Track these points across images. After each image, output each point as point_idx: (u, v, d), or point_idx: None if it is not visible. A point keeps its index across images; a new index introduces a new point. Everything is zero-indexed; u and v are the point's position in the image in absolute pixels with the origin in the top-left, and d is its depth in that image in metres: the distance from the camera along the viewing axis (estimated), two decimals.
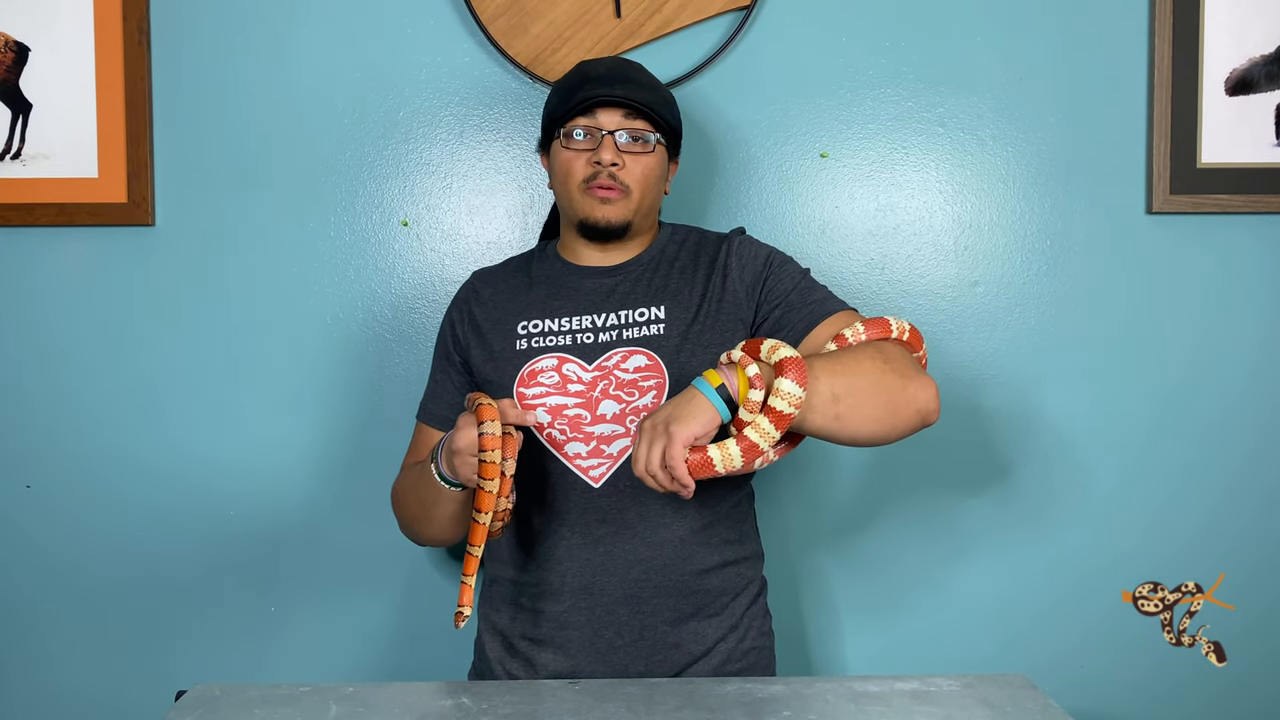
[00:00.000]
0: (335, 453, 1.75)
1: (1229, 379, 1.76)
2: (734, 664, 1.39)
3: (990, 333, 1.76)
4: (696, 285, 1.43)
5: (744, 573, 1.43)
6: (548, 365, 1.40)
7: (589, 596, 1.35)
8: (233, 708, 1.19)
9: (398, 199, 1.75)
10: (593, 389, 1.38)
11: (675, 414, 1.14)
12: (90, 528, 1.74)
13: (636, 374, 1.38)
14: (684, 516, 1.37)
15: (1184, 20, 1.72)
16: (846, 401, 1.17)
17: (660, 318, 1.40)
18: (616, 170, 1.39)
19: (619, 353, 1.39)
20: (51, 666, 1.75)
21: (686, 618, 1.37)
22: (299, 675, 1.74)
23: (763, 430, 1.12)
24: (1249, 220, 1.75)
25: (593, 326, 1.42)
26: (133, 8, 1.70)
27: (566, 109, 1.40)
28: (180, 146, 1.73)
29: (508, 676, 1.40)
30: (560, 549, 1.36)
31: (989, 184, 1.76)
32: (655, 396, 1.36)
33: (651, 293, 1.43)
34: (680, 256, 1.46)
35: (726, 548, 1.40)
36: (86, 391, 1.74)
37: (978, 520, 1.77)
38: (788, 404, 1.12)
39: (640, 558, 1.35)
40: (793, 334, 1.36)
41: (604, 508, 1.35)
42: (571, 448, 1.37)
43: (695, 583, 1.37)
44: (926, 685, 1.26)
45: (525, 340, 1.42)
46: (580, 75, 1.43)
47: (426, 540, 1.47)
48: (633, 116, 1.39)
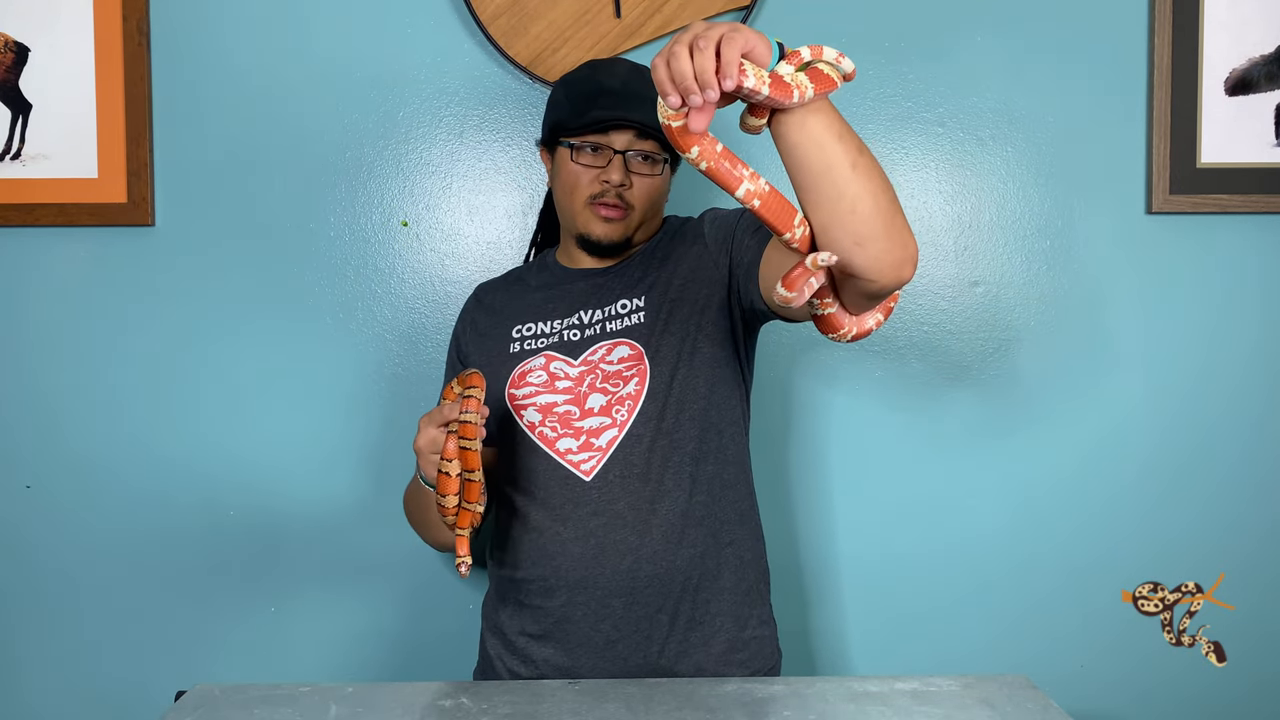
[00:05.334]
0: (335, 453, 1.75)
1: (1229, 379, 1.76)
2: (738, 653, 1.39)
3: (990, 333, 1.76)
4: (672, 264, 1.43)
5: (741, 555, 1.41)
6: (536, 365, 1.42)
7: (584, 590, 1.35)
8: (233, 708, 1.19)
9: (398, 199, 1.75)
10: (580, 384, 1.39)
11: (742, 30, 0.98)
12: (90, 528, 1.74)
13: (620, 364, 1.39)
14: (674, 501, 1.36)
15: (1184, 20, 1.72)
16: (863, 162, 1.06)
17: (640, 306, 1.42)
18: (623, 190, 1.40)
19: (603, 345, 1.41)
20: (51, 666, 1.75)
21: (683, 606, 1.36)
22: (299, 675, 1.74)
23: (799, 80, 1.00)
24: (1249, 220, 1.75)
25: (579, 323, 1.44)
26: (133, 8, 1.70)
27: (580, 124, 1.40)
28: (180, 146, 1.73)
29: (509, 674, 1.40)
30: (554, 545, 1.36)
31: (989, 184, 1.76)
32: (638, 385, 1.37)
33: (633, 284, 1.44)
34: (659, 245, 1.47)
35: (722, 530, 1.39)
36: (86, 391, 1.74)
37: (978, 520, 1.77)
38: (832, 71, 1.02)
39: (631, 547, 1.34)
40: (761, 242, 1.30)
41: (595, 500, 1.36)
42: (562, 444, 1.37)
43: (690, 569, 1.36)
44: (926, 685, 1.26)
45: (518, 343, 1.45)
46: (595, 85, 1.43)
47: (433, 543, 1.54)
48: (643, 137, 1.40)
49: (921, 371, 1.76)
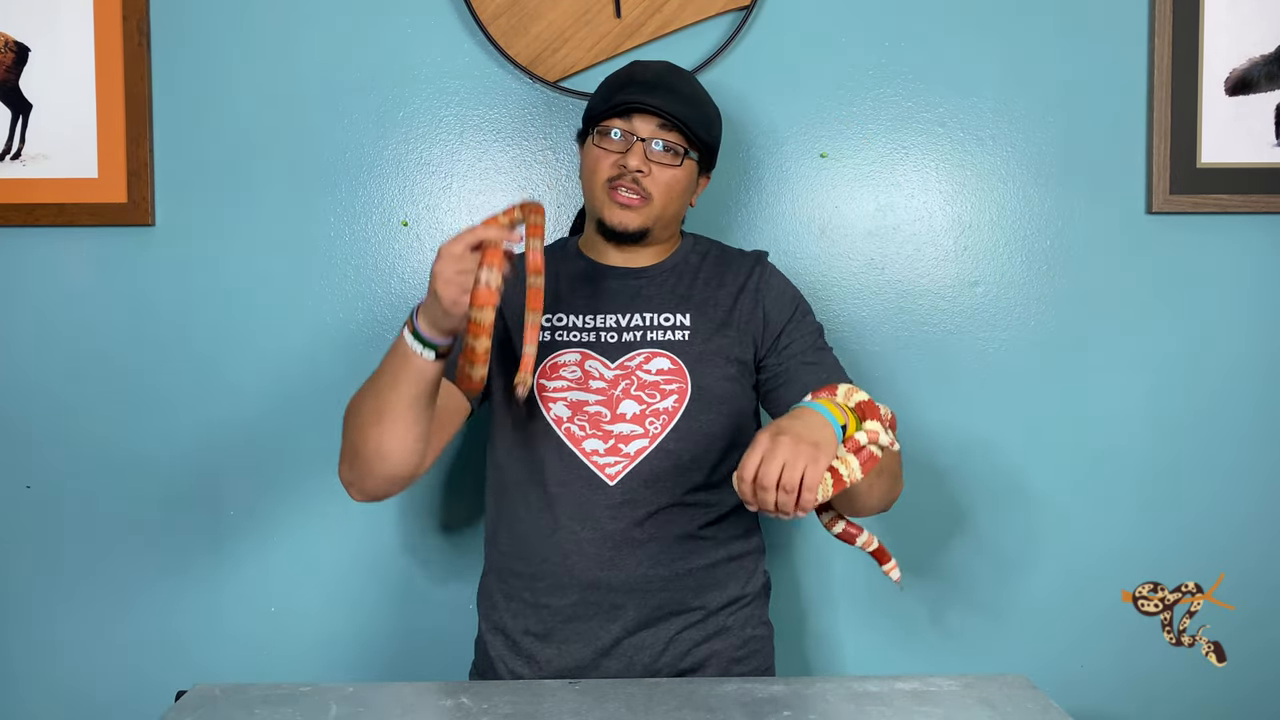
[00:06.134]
0: (334, 453, 1.75)
1: (1229, 378, 1.76)
2: (736, 650, 1.41)
3: (990, 333, 1.76)
4: (722, 300, 1.45)
5: (747, 565, 1.45)
6: (570, 360, 1.41)
7: (597, 591, 1.36)
8: (233, 708, 1.19)
9: (398, 199, 1.75)
10: (614, 387, 1.39)
11: (819, 437, 1.13)
12: (89, 528, 1.74)
13: (659, 376, 1.39)
14: (695, 515, 1.38)
15: (1184, 20, 1.72)
16: (879, 483, 1.30)
17: (685, 324, 1.43)
18: (641, 177, 1.40)
19: (642, 354, 1.41)
20: (52, 666, 1.75)
21: (691, 611, 1.38)
22: (299, 675, 1.74)
23: (851, 467, 1.17)
24: (1249, 220, 1.75)
25: (616, 326, 1.43)
26: (133, 8, 1.70)
27: (605, 108, 1.41)
28: (180, 146, 1.73)
29: (510, 675, 1.40)
30: (569, 543, 1.37)
31: (989, 184, 1.76)
32: (676, 400, 1.38)
33: (676, 299, 1.45)
34: (704, 267, 1.48)
35: (733, 543, 1.42)
36: (86, 391, 1.74)
37: (977, 520, 1.77)
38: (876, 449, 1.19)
39: (650, 554, 1.36)
40: (788, 396, 1.40)
41: (617, 504, 1.36)
42: (589, 444, 1.37)
43: (703, 577, 1.39)
44: (926, 685, 1.26)
45: (548, 332, 1.43)
46: (626, 76, 1.45)
47: (371, 455, 1.33)
48: (667, 128, 1.40)
49: (921, 371, 1.76)
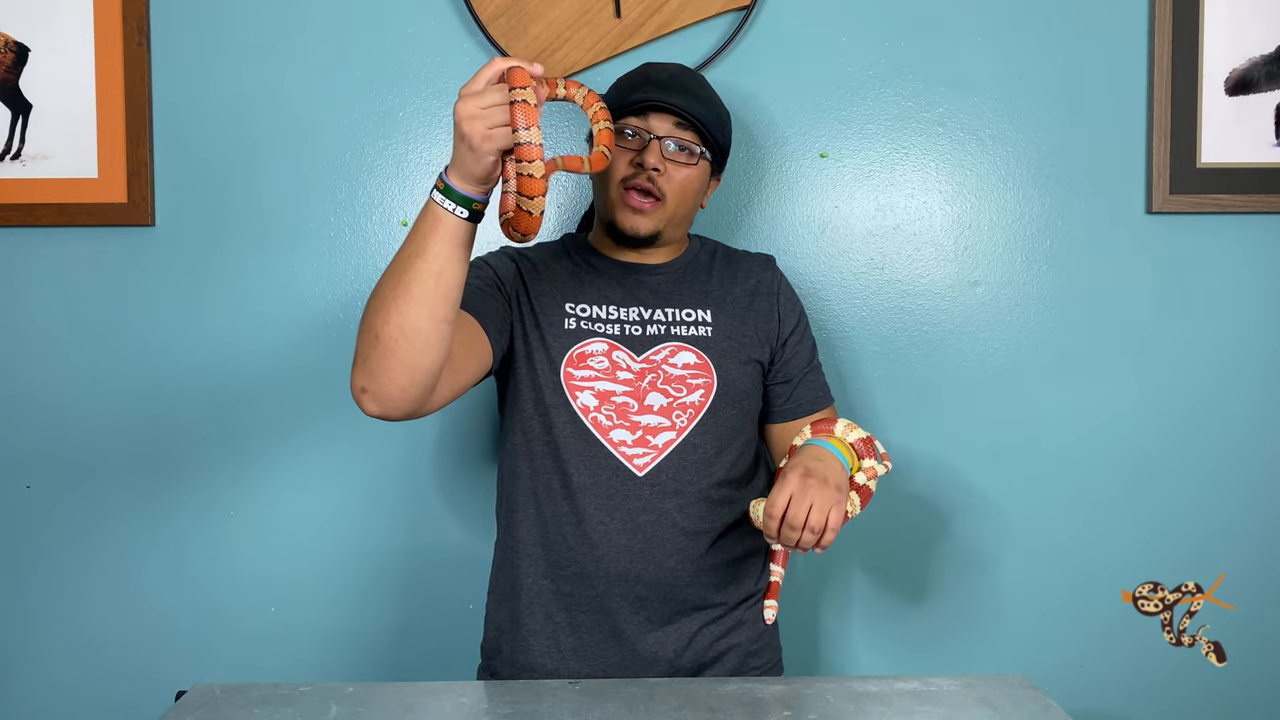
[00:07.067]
0: (335, 453, 1.75)
1: (1228, 378, 1.76)
2: (751, 644, 1.44)
3: (990, 333, 1.76)
4: (739, 297, 1.47)
5: (758, 561, 1.48)
6: (597, 350, 1.41)
7: (625, 583, 1.37)
8: (233, 708, 1.19)
9: (398, 199, 1.74)
10: (640, 379, 1.40)
11: (840, 481, 1.29)
12: (89, 528, 1.74)
13: (685, 370, 1.41)
14: (719, 511, 1.40)
15: (1184, 20, 1.72)
16: None
17: (708, 320, 1.44)
18: (657, 176, 1.40)
19: (668, 347, 1.42)
20: (52, 666, 1.75)
21: (714, 606, 1.41)
22: (299, 675, 1.74)
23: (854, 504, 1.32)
24: (1249, 220, 1.75)
25: (640, 319, 1.44)
26: (133, 8, 1.70)
27: (621, 106, 1.41)
28: (180, 146, 1.73)
29: (525, 668, 1.40)
30: (597, 533, 1.37)
31: (989, 184, 1.76)
32: (703, 395, 1.40)
33: (696, 295, 1.46)
34: (715, 265, 1.50)
35: (748, 539, 1.44)
36: (86, 391, 1.74)
37: (978, 520, 1.77)
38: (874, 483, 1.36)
39: (678, 547, 1.37)
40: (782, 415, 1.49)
41: (646, 496, 1.37)
42: (617, 434, 1.38)
43: (725, 573, 1.41)
44: (926, 685, 1.26)
45: (574, 320, 1.43)
46: (642, 76, 1.45)
47: (392, 336, 1.18)
48: (683, 127, 1.41)
49: (921, 371, 1.76)
